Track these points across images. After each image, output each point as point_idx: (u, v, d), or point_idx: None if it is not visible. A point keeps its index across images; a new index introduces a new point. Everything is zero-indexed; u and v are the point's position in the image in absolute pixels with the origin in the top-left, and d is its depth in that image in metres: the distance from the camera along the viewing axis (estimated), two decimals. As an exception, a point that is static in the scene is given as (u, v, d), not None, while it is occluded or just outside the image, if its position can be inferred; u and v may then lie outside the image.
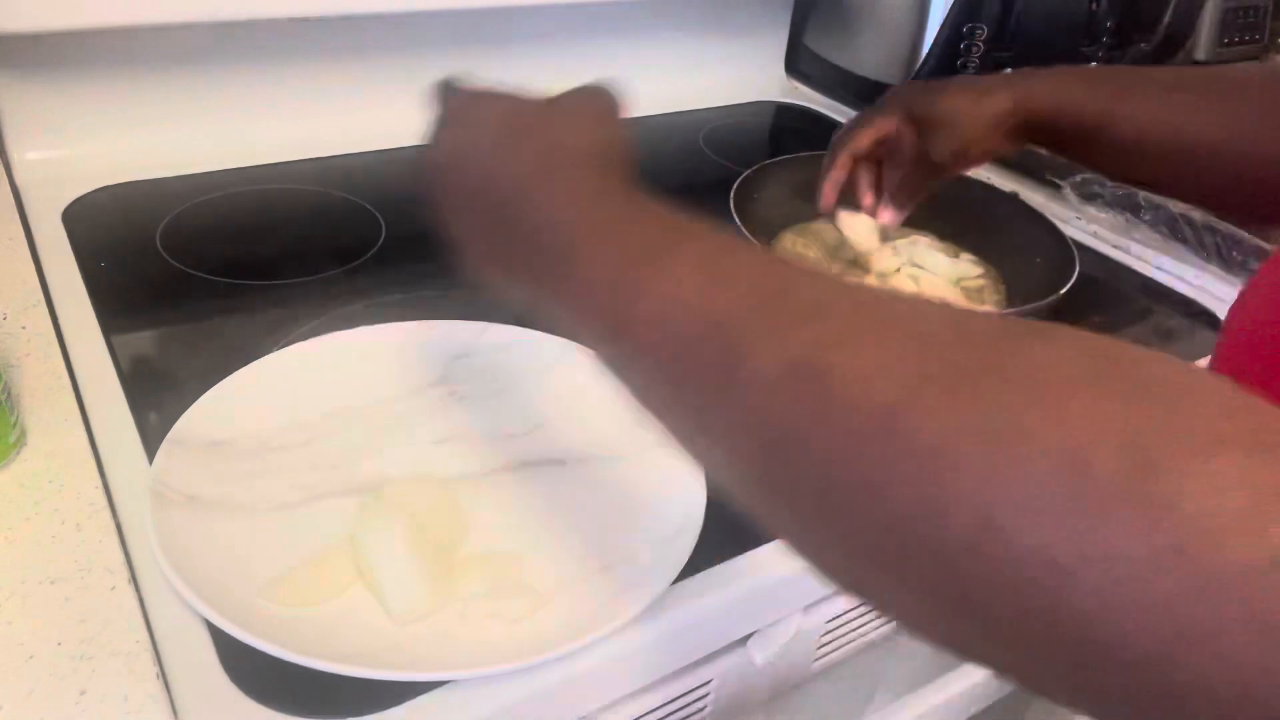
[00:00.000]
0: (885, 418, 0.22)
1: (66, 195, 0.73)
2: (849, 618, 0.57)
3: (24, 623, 0.39)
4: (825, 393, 0.24)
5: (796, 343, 0.25)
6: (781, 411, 0.25)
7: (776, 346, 0.25)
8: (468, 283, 0.43)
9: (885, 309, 0.26)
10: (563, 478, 0.52)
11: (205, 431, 0.50)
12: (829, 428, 0.24)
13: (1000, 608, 0.21)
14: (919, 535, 0.22)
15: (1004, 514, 0.20)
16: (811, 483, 0.25)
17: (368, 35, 0.86)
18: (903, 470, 0.22)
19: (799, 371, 0.25)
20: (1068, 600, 0.20)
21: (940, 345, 0.24)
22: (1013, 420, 0.21)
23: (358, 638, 0.41)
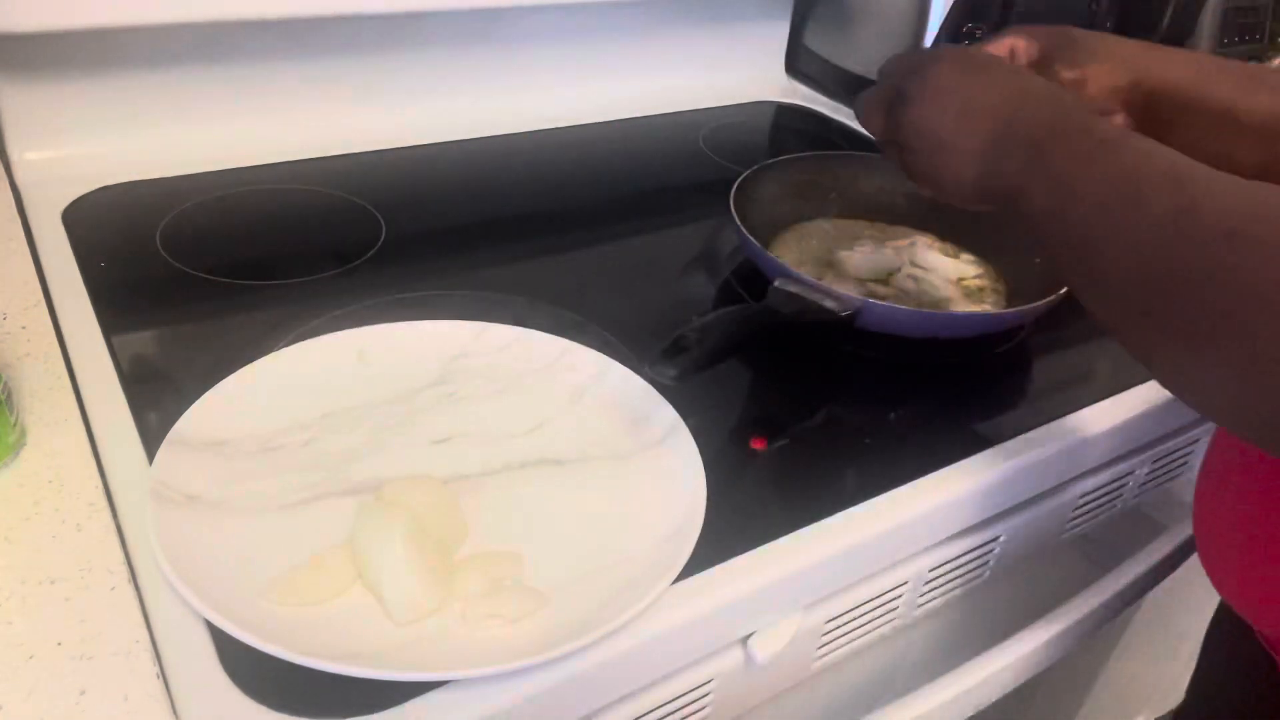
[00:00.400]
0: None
1: (66, 195, 0.73)
2: (849, 618, 0.57)
3: (24, 623, 0.39)
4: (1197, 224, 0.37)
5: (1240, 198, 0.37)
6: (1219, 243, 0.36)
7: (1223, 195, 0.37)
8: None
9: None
10: (563, 478, 0.52)
11: (205, 431, 0.50)
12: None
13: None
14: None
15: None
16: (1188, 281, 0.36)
17: (368, 35, 0.86)
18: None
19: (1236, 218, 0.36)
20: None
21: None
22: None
23: (358, 638, 0.41)
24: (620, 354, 0.59)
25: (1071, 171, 0.43)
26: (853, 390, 0.65)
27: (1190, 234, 0.36)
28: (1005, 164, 0.48)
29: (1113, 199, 0.40)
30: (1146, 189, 0.39)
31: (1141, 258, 0.38)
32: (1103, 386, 0.66)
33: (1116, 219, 0.40)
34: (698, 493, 0.49)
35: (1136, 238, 0.39)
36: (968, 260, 0.78)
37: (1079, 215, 0.42)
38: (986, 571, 0.65)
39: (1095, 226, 0.41)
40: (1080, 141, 0.44)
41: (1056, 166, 0.44)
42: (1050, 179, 0.44)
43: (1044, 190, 0.45)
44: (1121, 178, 0.41)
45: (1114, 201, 0.40)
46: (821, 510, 0.52)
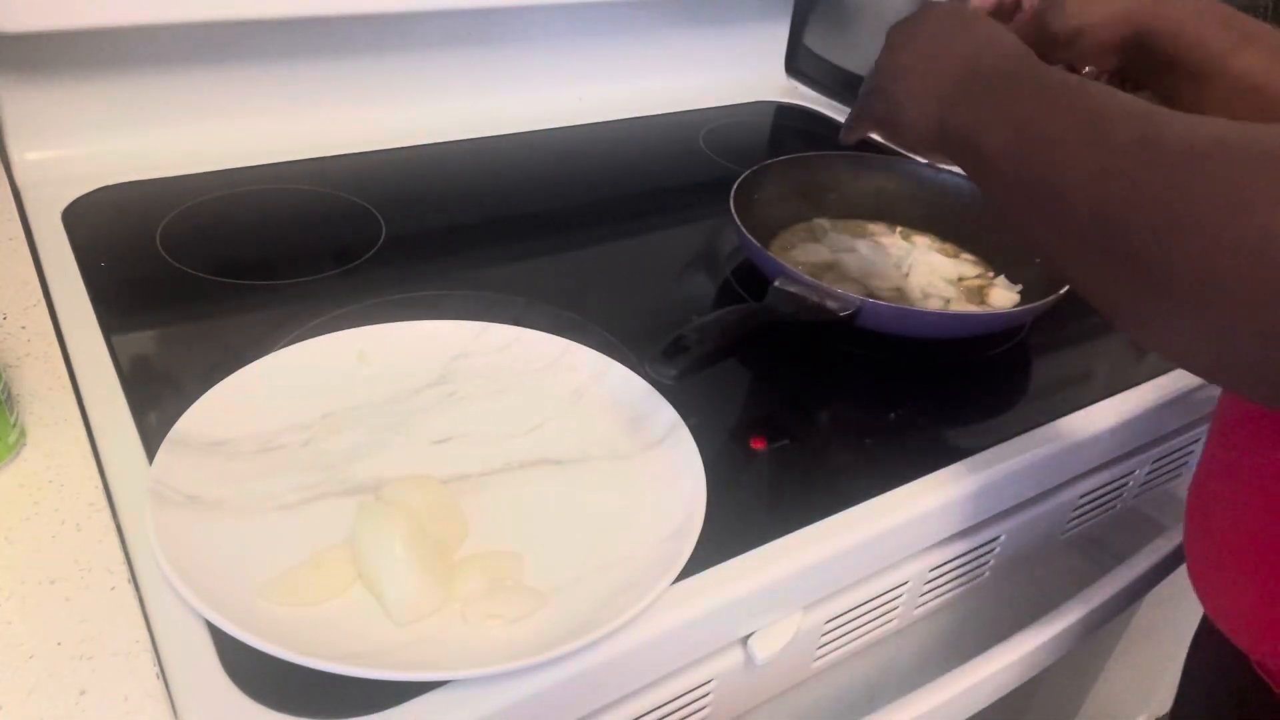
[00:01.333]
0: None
1: (66, 195, 0.73)
2: (849, 618, 0.57)
3: (24, 623, 0.39)
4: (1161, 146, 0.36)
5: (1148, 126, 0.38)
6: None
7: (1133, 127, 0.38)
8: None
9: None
10: (563, 478, 0.52)
11: (205, 431, 0.50)
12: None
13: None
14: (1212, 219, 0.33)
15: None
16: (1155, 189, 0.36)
17: (368, 35, 0.86)
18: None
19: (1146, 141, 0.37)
20: None
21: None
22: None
23: (358, 638, 0.41)
24: (620, 354, 0.59)
25: (1032, 109, 0.43)
26: (853, 390, 0.65)
27: (1151, 159, 0.36)
28: (965, 105, 0.48)
29: (1073, 132, 0.40)
30: (1107, 122, 0.39)
31: (1102, 190, 0.38)
32: (1103, 386, 0.66)
33: (1077, 152, 0.39)
34: (698, 493, 0.49)
35: (1097, 168, 0.38)
36: (968, 260, 0.78)
37: (1039, 151, 0.42)
38: (986, 571, 0.65)
39: (1055, 162, 0.40)
40: (1042, 83, 0.44)
41: (1017, 106, 0.45)
42: (1010, 118, 0.45)
43: (1003, 129, 0.45)
44: (1083, 111, 0.40)
45: (1074, 135, 0.40)
46: (821, 510, 0.52)
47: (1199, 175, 0.34)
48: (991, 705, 0.61)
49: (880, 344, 0.65)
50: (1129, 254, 0.36)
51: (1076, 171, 0.39)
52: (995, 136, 0.45)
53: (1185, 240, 0.34)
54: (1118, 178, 0.37)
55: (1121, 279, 0.37)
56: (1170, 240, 0.34)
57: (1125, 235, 0.36)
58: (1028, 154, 0.43)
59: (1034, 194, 0.42)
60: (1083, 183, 0.38)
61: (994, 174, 0.46)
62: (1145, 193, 0.35)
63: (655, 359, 0.53)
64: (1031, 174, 0.42)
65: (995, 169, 0.45)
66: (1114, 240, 0.37)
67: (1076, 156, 0.39)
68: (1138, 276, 0.36)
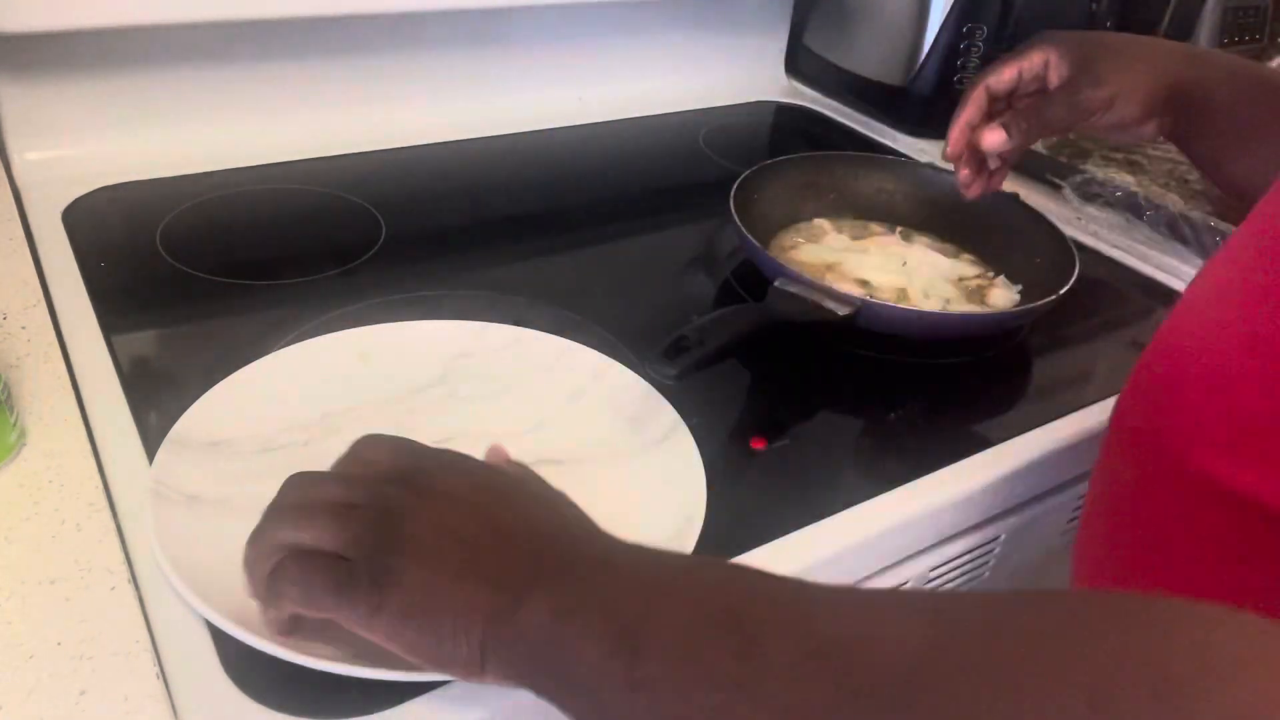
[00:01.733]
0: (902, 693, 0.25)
1: (66, 195, 0.73)
2: (849, 618, 0.57)
3: (24, 623, 0.39)
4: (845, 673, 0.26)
5: (813, 637, 0.28)
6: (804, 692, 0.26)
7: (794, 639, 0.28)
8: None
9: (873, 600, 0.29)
10: (562, 478, 0.52)
11: (205, 431, 0.50)
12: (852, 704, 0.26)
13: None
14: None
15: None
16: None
17: (368, 35, 0.86)
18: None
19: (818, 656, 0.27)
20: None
21: (939, 630, 0.26)
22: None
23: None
24: (620, 354, 0.59)
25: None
26: (853, 390, 0.65)
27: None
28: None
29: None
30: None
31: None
32: (1103, 386, 0.66)
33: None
34: (698, 493, 0.49)
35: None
36: (968, 260, 0.78)
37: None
38: (986, 571, 0.65)
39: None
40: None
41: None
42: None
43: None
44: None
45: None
46: (821, 510, 0.52)
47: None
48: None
49: (880, 344, 0.65)
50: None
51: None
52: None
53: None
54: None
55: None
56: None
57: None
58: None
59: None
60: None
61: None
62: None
63: (655, 359, 0.53)
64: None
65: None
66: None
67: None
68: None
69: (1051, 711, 0.22)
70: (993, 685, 0.23)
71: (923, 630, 0.26)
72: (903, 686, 0.25)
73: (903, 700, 0.24)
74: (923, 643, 0.25)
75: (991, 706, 0.23)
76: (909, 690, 0.24)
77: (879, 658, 0.26)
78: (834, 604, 0.29)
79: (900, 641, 0.26)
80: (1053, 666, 0.22)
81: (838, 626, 0.28)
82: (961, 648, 0.25)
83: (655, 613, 0.31)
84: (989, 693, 0.23)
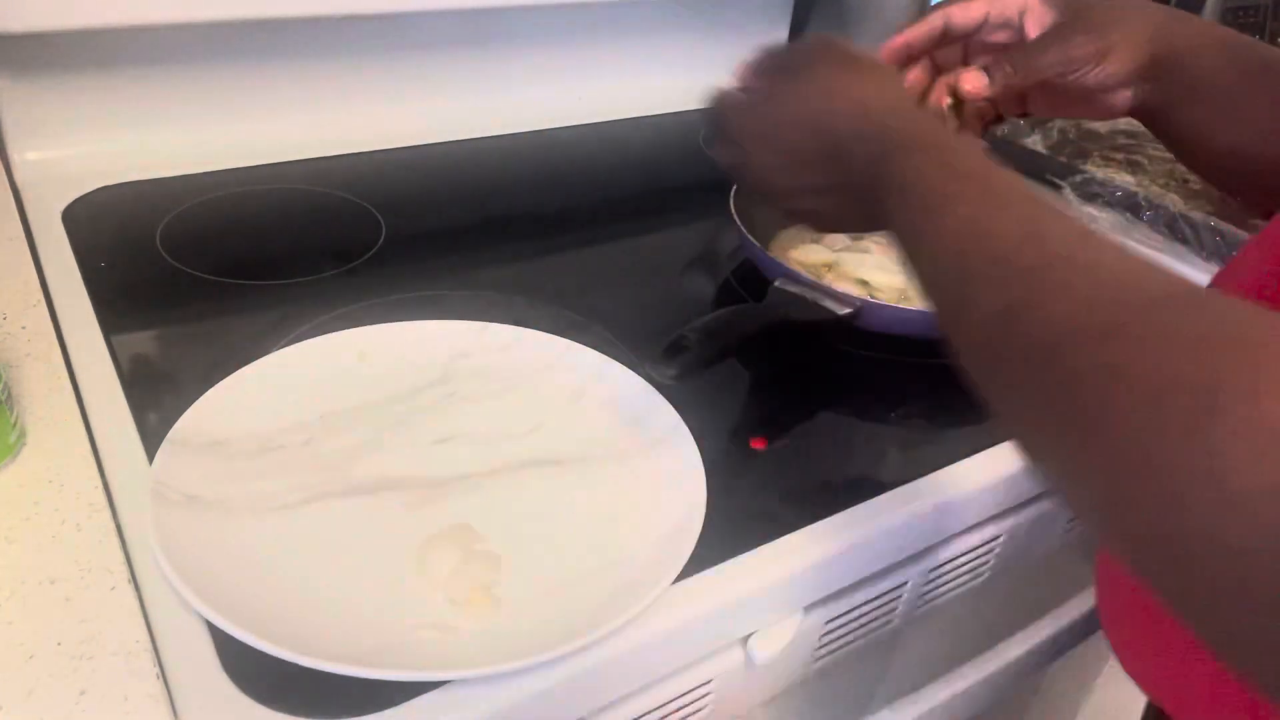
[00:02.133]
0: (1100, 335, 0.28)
1: (66, 195, 0.73)
2: (849, 618, 0.57)
3: (24, 623, 0.39)
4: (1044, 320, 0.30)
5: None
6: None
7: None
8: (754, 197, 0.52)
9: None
10: (563, 478, 0.52)
11: (205, 431, 0.50)
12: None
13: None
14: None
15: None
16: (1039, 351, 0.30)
17: (368, 35, 0.86)
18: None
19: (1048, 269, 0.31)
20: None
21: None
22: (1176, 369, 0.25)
23: (358, 638, 0.41)
24: (620, 354, 0.59)
25: (917, 222, 0.39)
26: (853, 390, 0.65)
27: (1022, 350, 0.31)
28: (876, 162, 0.43)
29: (938, 283, 0.36)
30: (977, 280, 0.33)
31: (1014, 323, 0.32)
32: (1103, 386, 0.65)
33: (946, 308, 0.35)
34: (698, 493, 0.49)
35: (975, 315, 0.33)
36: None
37: (926, 264, 0.38)
38: (986, 572, 0.65)
39: (943, 280, 0.36)
40: (955, 162, 0.39)
41: (901, 217, 0.40)
42: (912, 191, 0.40)
43: (906, 212, 0.40)
44: (968, 236, 0.35)
45: (941, 287, 0.36)
46: (821, 510, 0.52)
47: (1151, 341, 0.27)
48: (992, 705, 0.61)
49: (880, 344, 0.65)
50: (1011, 397, 0.32)
51: (959, 300, 0.34)
52: (899, 209, 0.40)
53: (1118, 399, 0.27)
54: (996, 321, 0.32)
55: (1041, 423, 0.31)
56: (1103, 395, 0.28)
57: (1050, 369, 0.30)
58: (916, 261, 0.38)
59: (928, 292, 0.37)
60: (992, 312, 0.32)
61: (913, 251, 0.40)
62: (1089, 354, 0.29)
63: (655, 359, 0.53)
64: (923, 281, 0.38)
65: (910, 246, 0.40)
66: (1035, 372, 0.30)
67: (953, 295, 0.35)
68: (1063, 423, 0.29)
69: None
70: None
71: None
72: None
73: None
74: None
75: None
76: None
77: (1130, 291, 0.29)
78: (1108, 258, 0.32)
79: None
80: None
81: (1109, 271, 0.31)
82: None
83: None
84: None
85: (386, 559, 0.45)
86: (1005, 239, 0.34)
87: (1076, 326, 0.29)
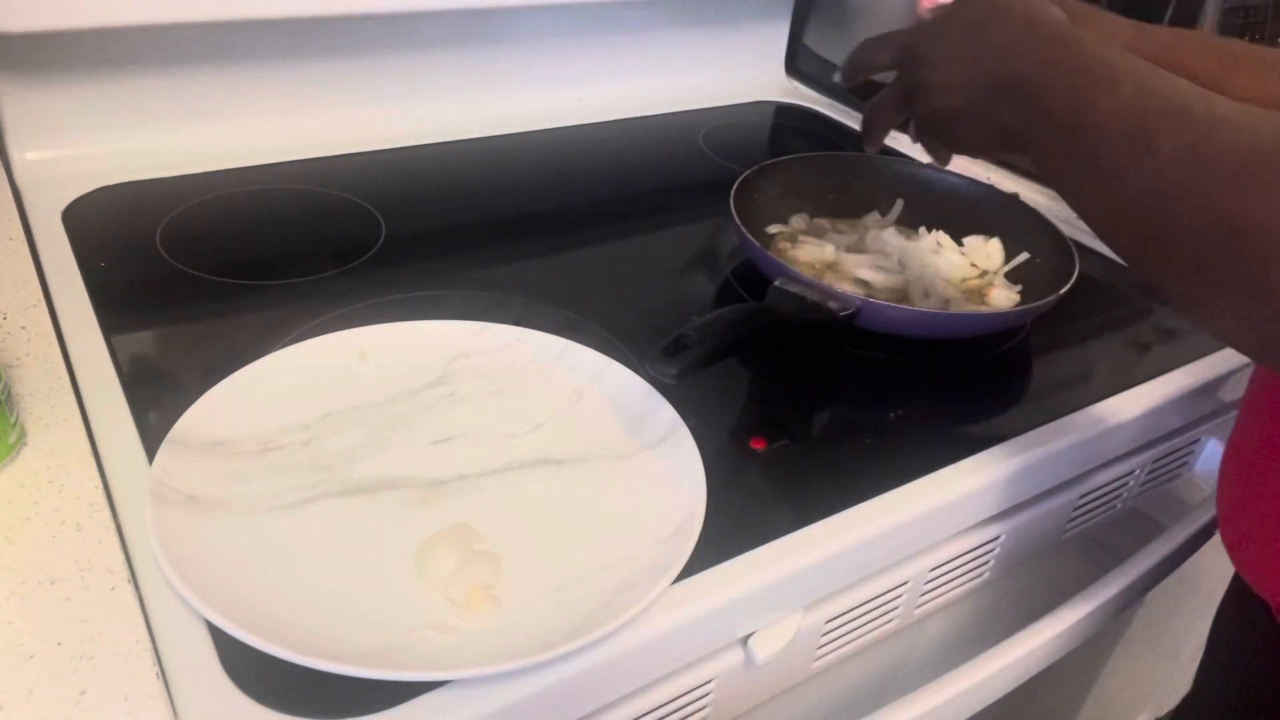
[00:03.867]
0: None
1: (66, 195, 0.73)
2: (849, 618, 0.57)
3: (24, 623, 0.39)
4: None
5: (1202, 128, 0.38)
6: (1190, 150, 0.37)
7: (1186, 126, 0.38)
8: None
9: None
10: (563, 478, 0.52)
11: (205, 431, 0.50)
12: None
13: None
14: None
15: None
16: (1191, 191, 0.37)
17: (368, 35, 0.86)
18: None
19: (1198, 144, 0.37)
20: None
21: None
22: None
23: (358, 638, 0.41)
24: (620, 354, 0.59)
25: (1072, 111, 0.43)
26: (853, 390, 0.65)
27: (1197, 173, 0.36)
28: (1008, 108, 0.48)
29: (1117, 138, 0.40)
30: (1152, 124, 0.39)
31: (1153, 196, 0.38)
32: (1103, 386, 0.66)
33: (1123, 159, 0.40)
34: (698, 493, 0.49)
35: (1145, 178, 0.39)
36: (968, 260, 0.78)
37: (1085, 156, 0.42)
38: (986, 571, 0.65)
39: (1102, 166, 0.41)
40: (1080, 77, 0.44)
41: (1057, 108, 0.45)
42: (1052, 122, 0.45)
43: (1046, 134, 0.45)
44: (1126, 113, 0.40)
45: (1119, 141, 0.40)
46: (821, 510, 0.52)
47: (1244, 191, 0.34)
48: (992, 705, 0.61)
49: (880, 344, 0.65)
50: (1181, 252, 0.37)
51: (1124, 178, 0.39)
52: (1039, 141, 0.46)
53: (1237, 255, 0.34)
54: (1166, 189, 0.37)
55: (1172, 269, 0.38)
56: (1221, 250, 0.35)
57: (1177, 238, 0.37)
58: (1074, 155, 0.43)
59: (1085, 189, 0.43)
60: (1132, 189, 0.39)
61: (1049, 168, 0.46)
62: (1192, 209, 0.36)
63: (655, 358, 0.53)
64: (1082, 175, 0.43)
65: (1048, 165, 0.46)
66: (1166, 239, 0.38)
67: (1122, 165, 0.40)
68: (1189, 273, 0.37)
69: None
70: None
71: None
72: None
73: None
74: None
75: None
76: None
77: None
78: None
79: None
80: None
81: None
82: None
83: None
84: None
85: (386, 559, 0.45)
86: (1177, 90, 0.40)
87: (1255, 150, 0.35)
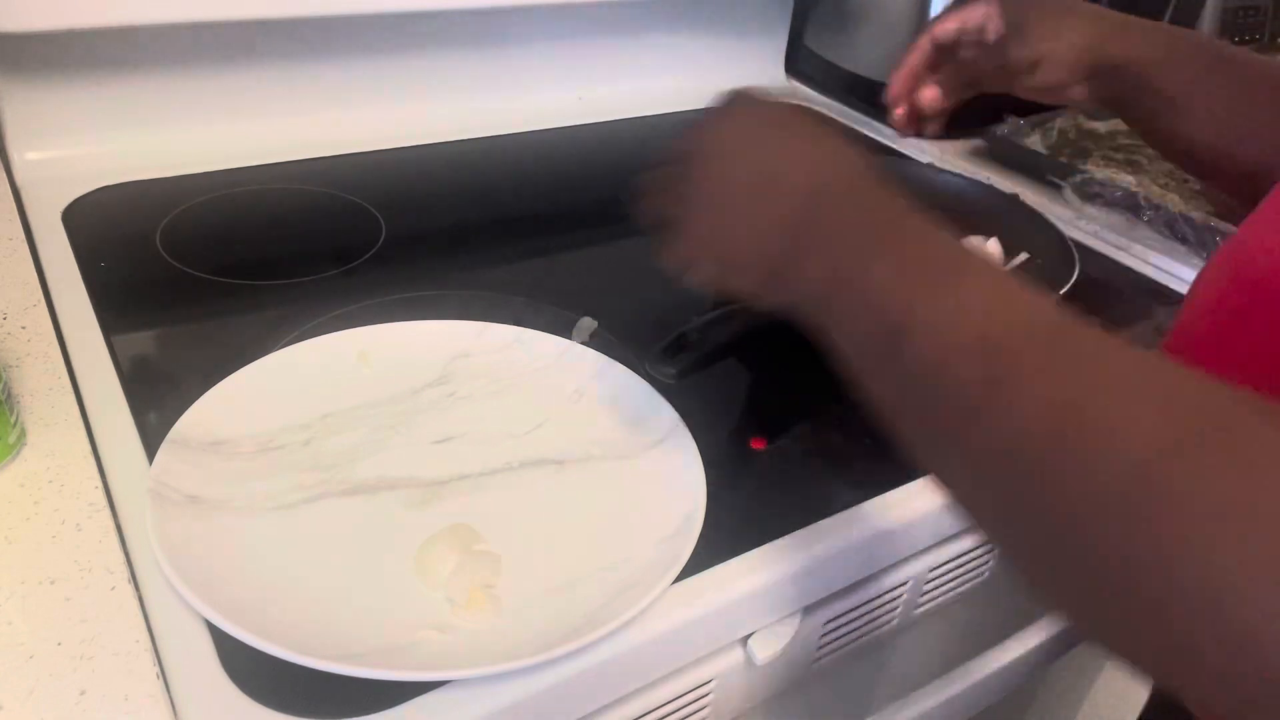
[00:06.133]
0: (1138, 471, 0.25)
1: (66, 195, 0.73)
2: (848, 618, 0.57)
3: (24, 623, 0.39)
4: (1083, 438, 0.26)
5: (1066, 385, 0.28)
6: (1040, 443, 0.27)
7: (1045, 382, 0.28)
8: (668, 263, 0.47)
9: (1149, 366, 0.28)
10: (563, 478, 0.52)
11: (205, 431, 0.50)
12: (1085, 471, 0.26)
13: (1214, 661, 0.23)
14: (1148, 578, 0.24)
15: (1234, 578, 0.22)
16: (1057, 512, 0.27)
17: (367, 35, 0.86)
18: (1142, 520, 0.24)
19: (1063, 412, 0.27)
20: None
21: (1189, 410, 0.26)
22: (1244, 494, 0.23)
23: (358, 638, 0.41)
24: (620, 354, 0.59)
25: (855, 326, 0.37)
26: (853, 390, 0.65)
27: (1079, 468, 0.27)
28: (811, 256, 0.41)
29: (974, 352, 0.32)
30: (948, 379, 0.31)
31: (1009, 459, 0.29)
32: (1103, 386, 0.65)
33: (967, 400, 0.31)
34: (698, 493, 0.49)
35: (985, 445, 0.30)
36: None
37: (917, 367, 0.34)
38: (986, 571, 0.65)
39: (943, 401, 0.32)
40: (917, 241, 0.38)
41: (839, 313, 0.38)
42: (864, 289, 0.37)
43: (856, 313, 0.38)
44: (990, 320, 0.32)
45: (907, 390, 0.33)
46: (821, 510, 0.52)
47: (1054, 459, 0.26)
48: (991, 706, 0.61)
49: (880, 344, 0.65)
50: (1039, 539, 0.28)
51: (969, 434, 0.30)
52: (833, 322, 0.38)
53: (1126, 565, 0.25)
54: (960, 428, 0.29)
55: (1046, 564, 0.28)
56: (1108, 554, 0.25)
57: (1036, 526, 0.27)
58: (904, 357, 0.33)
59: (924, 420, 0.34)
60: (975, 453, 0.30)
61: (858, 364, 0.38)
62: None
63: (655, 358, 0.53)
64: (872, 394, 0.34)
65: (860, 360, 0.37)
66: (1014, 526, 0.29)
67: (967, 408, 0.30)
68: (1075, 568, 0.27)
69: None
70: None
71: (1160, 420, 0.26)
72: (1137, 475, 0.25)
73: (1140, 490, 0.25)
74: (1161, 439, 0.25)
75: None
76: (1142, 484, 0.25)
77: (1117, 445, 0.25)
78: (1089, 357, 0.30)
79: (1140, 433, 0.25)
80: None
81: (1082, 392, 0.27)
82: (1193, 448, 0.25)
83: (919, 321, 0.33)
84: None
85: (386, 559, 0.45)
86: (1050, 315, 0.32)
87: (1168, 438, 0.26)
